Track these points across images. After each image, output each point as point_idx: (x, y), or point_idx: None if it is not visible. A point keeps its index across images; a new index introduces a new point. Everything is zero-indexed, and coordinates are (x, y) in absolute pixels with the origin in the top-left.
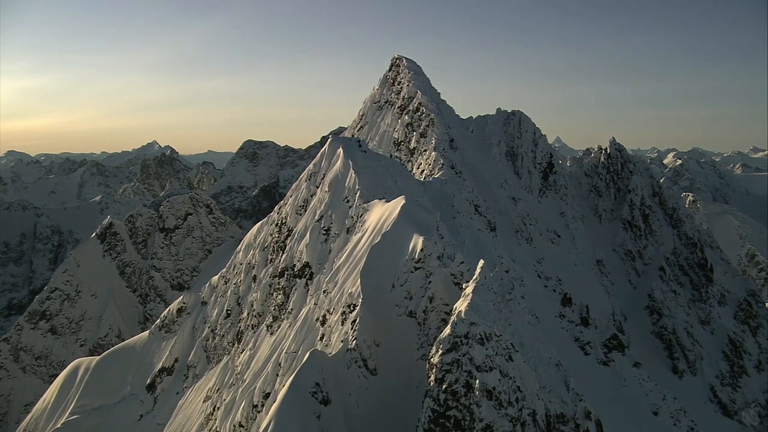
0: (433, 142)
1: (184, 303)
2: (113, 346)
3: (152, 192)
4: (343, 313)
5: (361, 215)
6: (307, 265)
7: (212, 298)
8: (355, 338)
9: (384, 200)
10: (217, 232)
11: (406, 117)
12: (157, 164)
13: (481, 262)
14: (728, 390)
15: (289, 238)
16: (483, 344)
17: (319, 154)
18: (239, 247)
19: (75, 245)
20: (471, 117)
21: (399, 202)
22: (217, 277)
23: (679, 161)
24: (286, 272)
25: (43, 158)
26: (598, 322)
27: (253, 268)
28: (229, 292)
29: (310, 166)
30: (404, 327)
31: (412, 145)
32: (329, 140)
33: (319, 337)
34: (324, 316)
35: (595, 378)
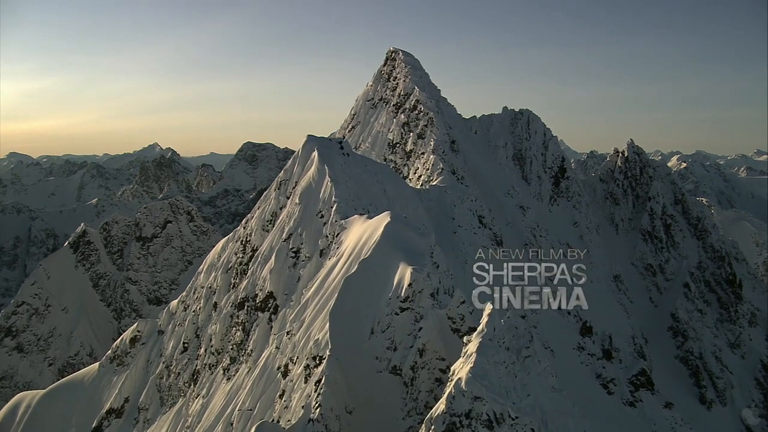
0: (431, 143)
1: (138, 331)
2: (85, 366)
3: (151, 194)
4: (307, 367)
5: (338, 234)
6: (270, 295)
7: (170, 326)
8: (318, 405)
9: (365, 216)
10: (198, 242)
11: (402, 116)
12: (156, 166)
13: (489, 307)
14: (763, 423)
15: (253, 261)
16: (492, 428)
17: (292, 157)
18: (202, 266)
19: None
20: (474, 116)
21: (382, 220)
22: (176, 301)
23: (684, 164)
24: (246, 303)
25: (44, 160)
26: (622, 355)
27: (215, 293)
28: (187, 321)
29: (281, 172)
30: (386, 388)
31: (409, 147)
32: (305, 140)
33: (279, 393)
34: (286, 365)
35: (621, 421)
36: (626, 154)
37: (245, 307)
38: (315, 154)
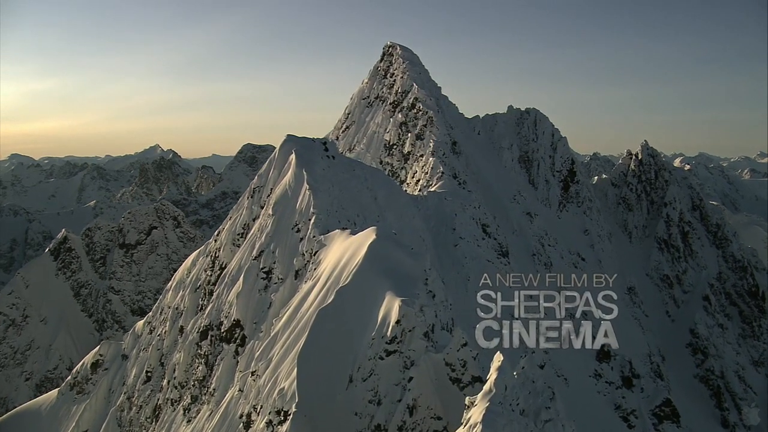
0: (431, 145)
1: (100, 355)
2: (63, 381)
3: (150, 196)
4: (270, 423)
5: (316, 252)
6: (237, 324)
7: (134, 351)
8: None
9: (348, 231)
10: (185, 249)
11: (400, 115)
12: (156, 168)
13: (499, 358)
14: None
15: (220, 281)
16: None
17: (268, 160)
18: (170, 282)
19: None
20: (477, 116)
21: (367, 237)
22: (142, 322)
23: (688, 166)
24: (210, 332)
25: (46, 161)
26: (644, 382)
27: (181, 315)
28: (151, 346)
29: (255, 178)
30: None
31: (407, 148)
32: (283, 141)
33: None
34: (249, 414)
35: None
36: (640, 157)
37: (209, 337)
38: (292, 156)
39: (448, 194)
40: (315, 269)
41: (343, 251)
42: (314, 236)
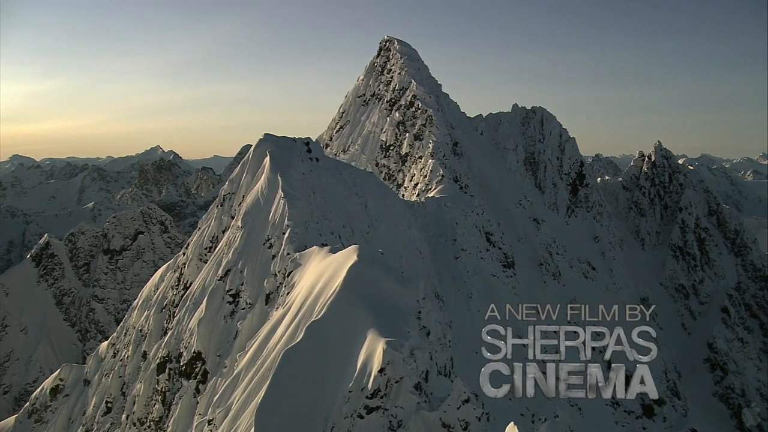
0: (430, 146)
1: (61, 380)
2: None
3: (150, 198)
4: None
5: (290, 273)
6: (198, 356)
7: (97, 375)
8: None
9: (328, 248)
10: (173, 255)
11: (397, 114)
12: (156, 169)
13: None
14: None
15: (182, 303)
16: None
17: (241, 163)
18: (137, 299)
19: None
20: (480, 115)
21: (347, 259)
22: (106, 343)
23: (691, 168)
24: (168, 365)
25: (47, 162)
26: (666, 410)
27: (145, 338)
28: (113, 372)
29: (226, 183)
30: None
31: (404, 150)
32: (258, 140)
33: None
34: None
35: None
36: (653, 158)
37: (167, 370)
38: (267, 160)
39: (448, 200)
40: (288, 293)
41: (320, 274)
42: (288, 253)
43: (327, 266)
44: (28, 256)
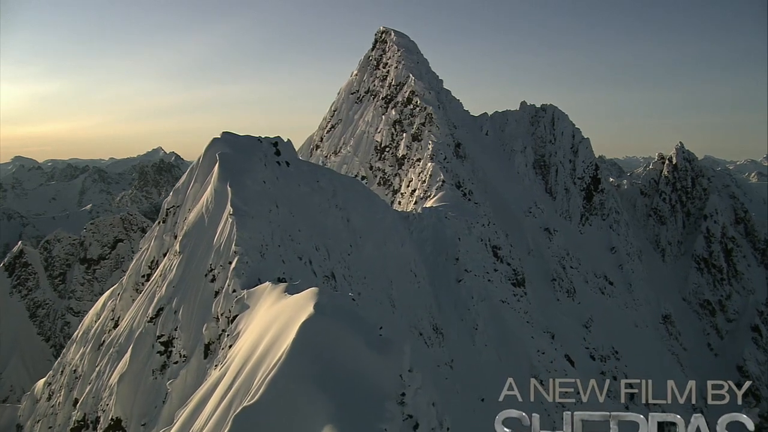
0: (429, 147)
1: None
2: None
3: (150, 200)
4: None
5: (235, 318)
6: (117, 424)
7: (29, 422)
8: None
9: (284, 285)
10: None
11: (393, 112)
12: (156, 171)
13: None
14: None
15: (105, 349)
16: None
17: (189, 169)
18: (77, 331)
19: None
20: (485, 114)
21: (300, 311)
22: (42, 381)
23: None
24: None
25: (49, 164)
26: None
27: (78, 379)
28: (41, 421)
29: (170, 194)
30: None
31: (401, 151)
32: (210, 141)
33: None
34: None
35: None
36: (674, 161)
37: None
38: (216, 166)
39: (449, 210)
40: (231, 346)
41: (267, 324)
42: (234, 290)
43: (278, 314)
44: (0, 264)
